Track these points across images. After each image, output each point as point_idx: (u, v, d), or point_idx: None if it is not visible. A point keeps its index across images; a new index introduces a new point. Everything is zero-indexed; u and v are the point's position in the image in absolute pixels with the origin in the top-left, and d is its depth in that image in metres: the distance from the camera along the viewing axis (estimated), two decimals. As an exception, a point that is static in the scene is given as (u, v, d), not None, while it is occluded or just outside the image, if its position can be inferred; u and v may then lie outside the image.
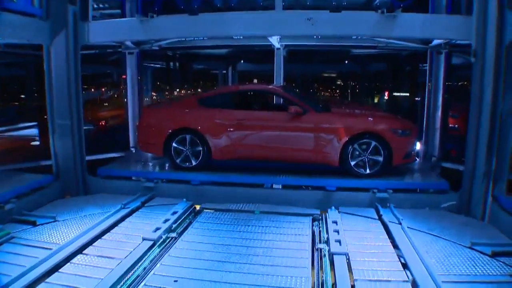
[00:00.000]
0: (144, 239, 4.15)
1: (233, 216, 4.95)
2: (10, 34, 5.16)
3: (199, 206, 5.37)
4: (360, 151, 5.65)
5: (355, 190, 5.60)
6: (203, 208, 5.32)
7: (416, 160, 6.51)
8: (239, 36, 6.14)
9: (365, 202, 5.41)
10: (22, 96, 10.59)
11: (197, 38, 6.77)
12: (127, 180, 6.33)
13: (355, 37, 6.22)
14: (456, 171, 6.08)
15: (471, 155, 5.07)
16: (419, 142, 6.74)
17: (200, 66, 13.07)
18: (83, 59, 6.06)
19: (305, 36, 6.33)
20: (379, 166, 5.64)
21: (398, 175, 5.87)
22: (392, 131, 5.61)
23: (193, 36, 6.54)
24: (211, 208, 5.27)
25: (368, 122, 5.81)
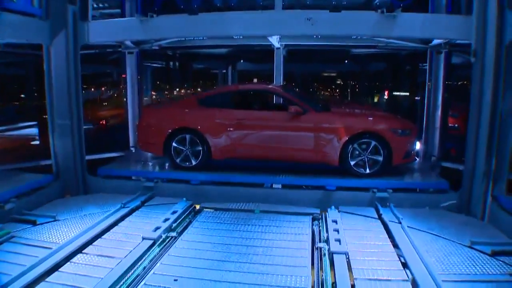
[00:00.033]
0: (144, 238, 4.15)
1: (233, 216, 4.95)
2: (10, 34, 5.17)
3: (199, 206, 5.37)
4: (360, 151, 5.65)
5: (355, 189, 5.61)
6: (203, 208, 5.32)
7: (416, 160, 6.51)
8: (239, 36, 6.14)
9: (365, 202, 5.41)
10: (22, 96, 10.58)
11: (197, 37, 6.77)
12: (127, 180, 6.33)
13: (355, 37, 6.22)
14: (456, 170, 6.09)
15: (471, 154, 5.08)
16: (419, 141, 6.74)
17: (200, 66, 13.06)
18: (83, 59, 6.06)
19: (305, 36, 6.33)
20: (379, 166, 5.64)
21: (398, 175, 5.87)
22: (392, 130, 5.61)
23: (193, 36, 6.54)
24: (211, 208, 5.27)
25: (368, 122, 5.81)
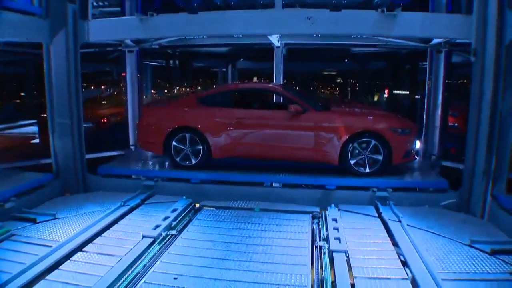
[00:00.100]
0: (144, 236, 4.15)
1: (233, 214, 4.95)
2: (10, 32, 5.17)
3: (199, 204, 5.37)
4: (360, 150, 5.66)
5: (354, 188, 5.61)
6: (203, 206, 5.31)
7: (415, 159, 6.50)
8: (239, 35, 6.14)
9: (365, 201, 5.41)
10: (22, 94, 10.60)
11: (197, 36, 6.76)
12: (127, 179, 6.33)
13: (355, 36, 6.22)
14: (455, 169, 6.09)
15: (471, 153, 5.08)
16: (419, 140, 6.75)
17: (200, 64, 13.07)
18: (83, 57, 6.06)
19: (305, 35, 6.33)
20: (379, 165, 5.65)
21: (398, 174, 5.87)
22: (392, 130, 5.61)
23: (192, 35, 6.53)
24: (211, 206, 5.27)
25: (368, 121, 5.81)
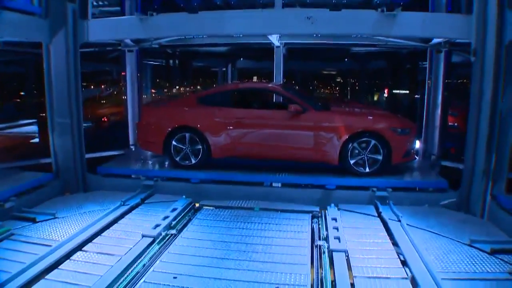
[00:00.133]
0: (143, 236, 4.15)
1: (232, 213, 4.95)
2: (9, 32, 5.17)
3: (199, 203, 5.36)
4: (359, 150, 5.66)
5: (354, 188, 5.61)
6: (202, 205, 5.31)
7: (415, 159, 6.51)
8: (239, 34, 6.13)
9: (364, 201, 5.41)
10: (22, 94, 10.60)
11: (196, 36, 6.76)
12: (126, 178, 6.32)
13: (355, 35, 6.21)
14: (455, 169, 6.09)
15: (471, 153, 5.08)
16: (419, 140, 6.75)
17: (200, 64, 13.08)
18: (83, 57, 6.05)
19: (304, 34, 6.32)
20: (379, 165, 5.65)
21: (398, 174, 5.87)
22: (392, 129, 5.62)
23: (192, 35, 6.52)
24: (211, 205, 5.27)
25: (368, 121, 5.81)
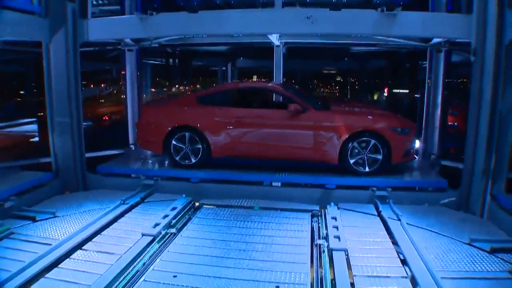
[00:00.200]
0: (143, 234, 4.15)
1: (232, 212, 4.95)
2: (9, 31, 5.15)
3: (199, 202, 5.36)
4: (359, 149, 5.66)
5: (354, 188, 5.60)
6: (202, 204, 5.31)
7: (415, 158, 6.51)
8: (239, 34, 6.13)
9: (364, 201, 5.40)
10: (22, 93, 10.61)
11: (196, 35, 6.76)
12: (126, 178, 6.31)
13: (355, 35, 6.21)
14: (455, 169, 6.09)
15: (470, 153, 5.08)
16: (418, 140, 6.75)
17: (200, 63, 13.11)
18: (83, 56, 6.05)
19: (304, 34, 6.32)
20: (378, 164, 5.65)
21: (397, 173, 5.87)
22: (392, 129, 5.62)
23: (192, 34, 6.53)
24: (211, 204, 5.27)
25: (368, 120, 5.81)
